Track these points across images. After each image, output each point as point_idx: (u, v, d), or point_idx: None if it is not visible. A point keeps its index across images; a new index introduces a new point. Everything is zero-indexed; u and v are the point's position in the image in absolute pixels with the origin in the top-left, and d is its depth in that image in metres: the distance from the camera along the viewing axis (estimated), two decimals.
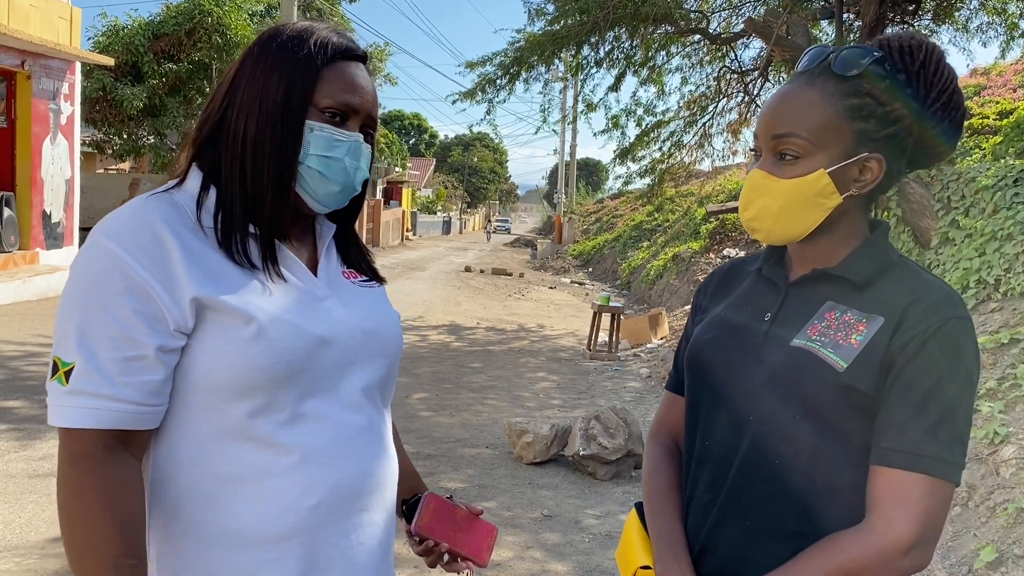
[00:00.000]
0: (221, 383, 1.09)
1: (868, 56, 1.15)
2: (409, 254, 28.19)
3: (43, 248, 12.20)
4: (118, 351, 1.05)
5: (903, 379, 1.10)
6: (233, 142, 1.16)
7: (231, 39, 17.14)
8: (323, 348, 1.15)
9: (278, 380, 1.10)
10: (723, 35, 11.62)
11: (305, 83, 1.15)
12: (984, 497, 3.85)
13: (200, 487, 1.11)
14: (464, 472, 5.10)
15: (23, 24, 10.97)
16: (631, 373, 8.76)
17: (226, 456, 1.11)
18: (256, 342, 1.08)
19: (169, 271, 1.07)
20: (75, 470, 1.04)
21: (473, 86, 11.91)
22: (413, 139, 66.02)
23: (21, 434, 5.19)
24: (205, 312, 1.09)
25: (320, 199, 1.19)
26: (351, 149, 1.18)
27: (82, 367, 1.04)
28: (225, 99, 1.18)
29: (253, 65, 1.17)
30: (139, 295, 1.06)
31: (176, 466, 1.11)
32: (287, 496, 1.12)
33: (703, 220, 16.01)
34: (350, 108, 1.18)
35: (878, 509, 1.09)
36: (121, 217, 1.10)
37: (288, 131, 1.15)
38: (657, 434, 1.44)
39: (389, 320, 1.29)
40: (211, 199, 1.15)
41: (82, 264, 1.08)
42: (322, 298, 1.19)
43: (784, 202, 1.17)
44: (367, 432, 1.21)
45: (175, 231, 1.10)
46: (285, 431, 1.12)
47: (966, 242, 6.14)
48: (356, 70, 1.20)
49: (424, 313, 12.55)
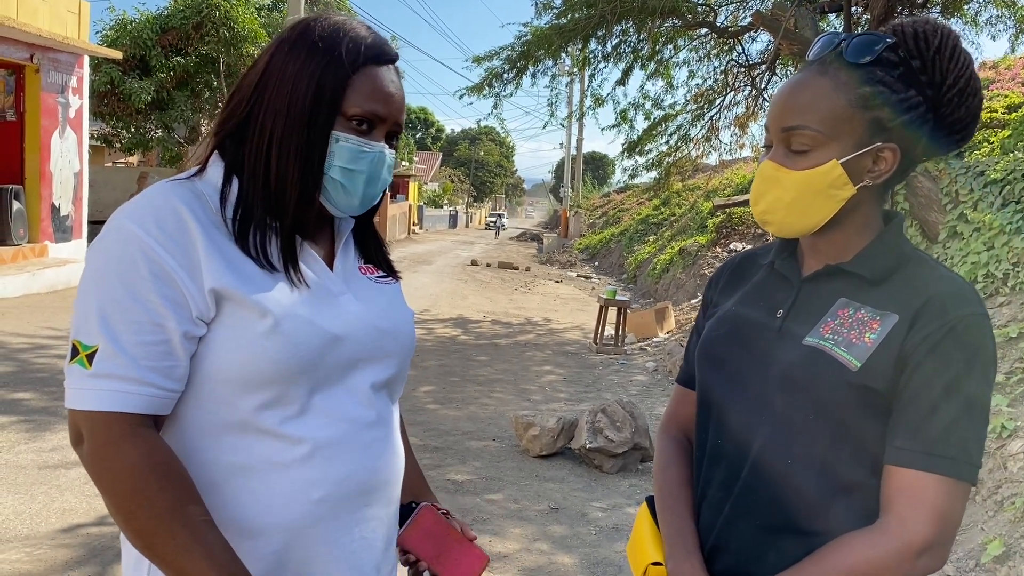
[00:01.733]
0: (233, 375, 1.09)
1: (881, 43, 1.12)
2: (416, 248, 28.20)
3: (52, 241, 12.24)
4: (143, 335, 1.05)
5: (918, 377, 1.08)
6: (259, 140, 1.15)
7: (238, 33, 17.14)
8: (336, 345, 1.15)
9: (290, 374, 1.10)
10: (730, 28, 11.57)
11: (335, 90, 1.13)
12: (992, 491, 3.85)
13: (207, 476, 1.11)
14: (471, 464, 5.12)
15: (32, 18, 10.99)
16: (637, 367, 8.76)
17: (234, 446, 1.11)
18: (271, 336, 1.09)
19: (193, 258, 1.07)
20: (118, 450, 1.03)
21: (480, 80, 11.90)
22: (420, 133, 66.00)
23: (31, 425, 5.22)
24: (223, 303, 1.09)
25: (340, 208, 1.20)
26: (375, 160, 1.17)
27: (107, 349, 1.04)
28: (255, 93, 1.16)
29: (284, 61, 1.15)
30: (164, 280, 1.05)
31: (184, 454, 1.11)
32: (294, 488, 1.12)
33: (710, 214, 15.96)
34: (377, 117, 1.17)
35: (892, 509, 1.07)
36: (145, 202, 1.09)
37: (314, 140, 1.14)
38: (668, 428, 1.42)
39: (403, 319, 1.29)
40: (234, 192, 1.15)
41: (104, 248, 1.08)
42: (337, 294, 1.19)
43: (797, 194, 1.15)
44: (376, 428, 1.21)
45: (198, 219, 1.09)
46: (294, 424, 1.12)
47: (974, 236, 6.12)
48: (387, 74, 1.18)
49: (431, 306, 12.56)
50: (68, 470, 4.46)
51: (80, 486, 4.22)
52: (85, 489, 4.17)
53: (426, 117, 68.29)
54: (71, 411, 1.07)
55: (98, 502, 3.93)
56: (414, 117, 66.01)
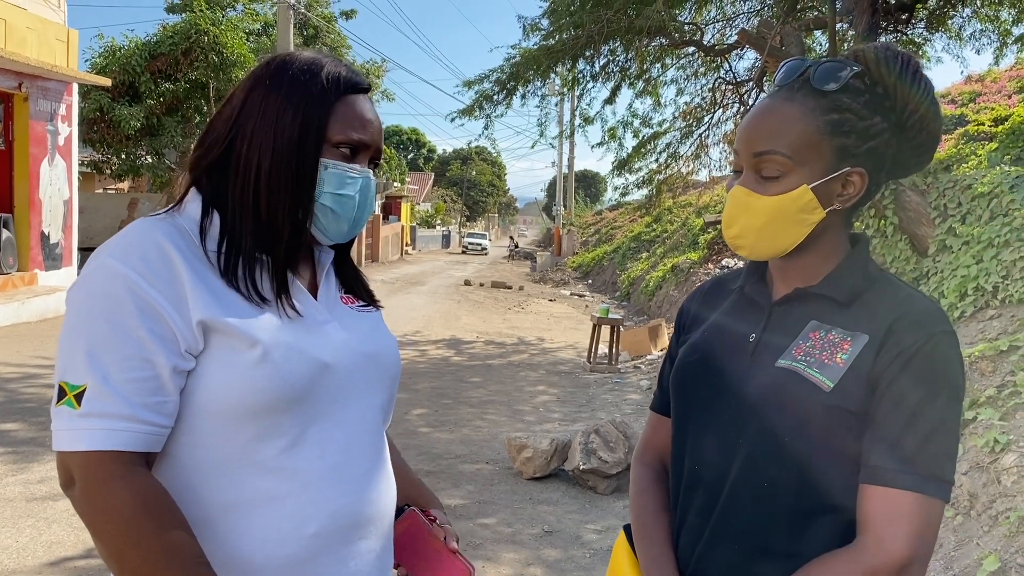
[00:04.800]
0: (224, 407, 1.08)
1: (846, 69, 1.14)
2: (409, 268, 28.19)
3: (42, 269, 12.20)
4: (132, 371, 1.03)
5: (890, 396, 1.09)
6: (245, 173, 1.15)
7: (228, 58, 17.20)
8: (326, 373, 1.14)
9: (281, 404, 1.09)
10: (717, 47, 11.66)
11: (320, 120, 1.15)
12: (986, 506, 3.82)
13: (200, 514, 1.09)
14: (464, 488, 5.08)
15: (20, 46, 11.01)
16: (631, 385, 8.74)
17: (227, 482, 1.10)
18: (260, 366, 1.08)
19: (179, 292, 1.07)
20: (110, 491, 1.01)
21: (471, 102, 11.97)
22: (412, 154, 66.21)
23: (18, 457, 5.17)
24: (211, 335, 1.08)
25: (330, 235, 1.20)
26: (362, 186, 1.19)
27: (96, 388, 1.02)
28: (232, 127, 1.17)
29: (264, 96, 1.16)
30: (151, 315, 1.04)
31: (176, 492, 1.08)
32: (287, 523, 1.11)
33: (701, 230, 16.02)
34: (362, 143, 1.19)
35: (869, 529, 1.08)
36: (126, 238, 1.09)
37: (303, 168, 1.15)
38: (644, 456, 1.42)
39: (388, 344, 1.29)
40: (215, 226, 1.15)
41: (87, 286, 1.07)
42: (323, 322, 1.19)
43: (768, 219, 1.16)
44: (368, 458, 1.20)
45: (182, 253, 1.09)
46: (287, 456, 1.11)
47: (963, 249, 6.13)
48: (365, 103, 1.21)
49: (423, 327, 12.52)
50: (56, 502, 4.40)
51: (68, 518, 4.17)
52: (73, 521, 4.12)
53: (418, 138, 68.50)
54: (60, 454, 1.04)
55: (86, 535, 3.88)
56: (406, 138, 66.22)
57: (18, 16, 11.19)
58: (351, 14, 24.15)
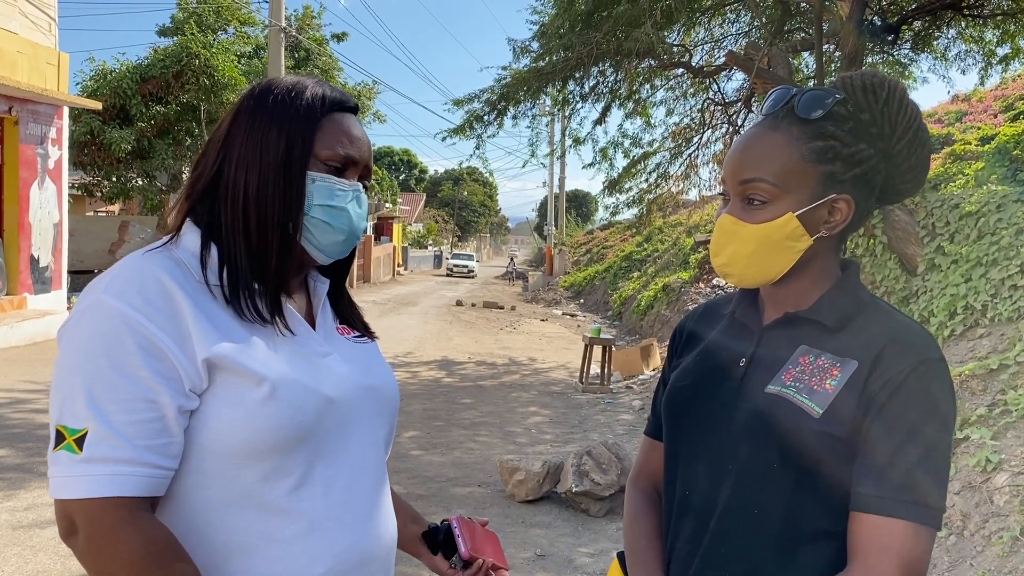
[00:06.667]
0: (231, 447, 1.05)
1: (830, 97, 1.15)
2: (400, 289, 28.16)
3: (31, 293, 12.13)
4: (135, 413, 1.00)
5: (880, 423, 1.08)
6: (233, 197, 1.13)
7: (219, 81, 17.24)
8: (330, 408, 1.13)
9: (288, 442, 1.07)
10: (706, 68, 11.75)
11: (305, 135, 1.15)
12: (979, 526, 3.82)
13: (206, 557, 1.06)
14: (456, 512, 5.03)
15: (10, 71, 11.01)
16: (624, 405, 8.72)
17: (234, 524, 1.07)
18: (268, 403, 1.05)
19: (182, 328, 1.03)
20: (118, 539, 0.98)
21: (462, 122, 12.01)
22: (403, 174, 66.37)
23: (4, 484, 5.11)
24: (216, 372, 1.05)
25: (324, 249, 1.18)
26: (354, 197, 1.18)
27: (98, 431, 0.98)
28: (220, 154, 1.16)
29: (249, 119, 1.16)
30: (154, 353, 1.01)
31: (181, 535, 1.05)
32: (295, 565, 1.08)
33: (692, 250, 16.06)
34: (349, 159, 1.18)
35: (859, 557, 1.07)
36: (122, 273, 1.06)
37: (291, 182, 1.13)
38: (638, 481, 1.42)
39: (386, 376, 1.28)
40: (214, 256, 1.12)
41: (83, 325, 1.03)
42: (324, 355, 1.18)
43: (755, 247, 1.17)
44: (373, 492, 1.19)
45: (183, 287, 1.06)
46: (293, 497, 1.09)
47: (952, 268, 6.16)
48: (351, 121, 1.21)
49: (415, 349, 12.49)
50: (43, 529, 4.35)
51: (55, 547, 4.12)
52: (59, 549, 4.07)
53: (409, 159, 68.72)
54: (61, 501, 1.00)
55: (73, 563, 3.83)
56: (398, 159, 66.41)
57: (8, 40, 11.20)
58: (342, 36, 24.25)
